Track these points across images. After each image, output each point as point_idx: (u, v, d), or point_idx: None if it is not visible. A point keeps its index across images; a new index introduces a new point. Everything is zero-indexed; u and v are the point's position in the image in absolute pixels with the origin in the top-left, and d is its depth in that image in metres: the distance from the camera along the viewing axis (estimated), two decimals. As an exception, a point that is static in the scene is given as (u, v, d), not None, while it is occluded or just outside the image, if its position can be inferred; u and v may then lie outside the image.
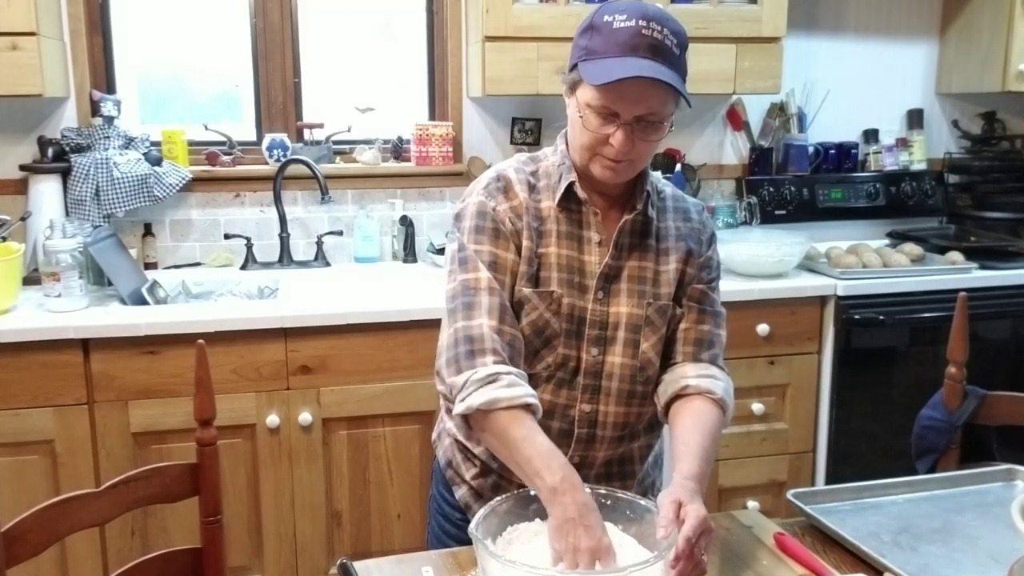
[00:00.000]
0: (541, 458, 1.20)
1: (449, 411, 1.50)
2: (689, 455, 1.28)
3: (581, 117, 1.31)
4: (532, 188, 1.40)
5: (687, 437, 1.32)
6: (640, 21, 1.25)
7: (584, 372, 1.40)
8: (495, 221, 1.37)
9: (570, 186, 1.38)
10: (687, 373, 1.41)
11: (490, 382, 1.26)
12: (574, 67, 1.32)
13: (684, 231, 1.45)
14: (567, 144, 1.41)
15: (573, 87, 1.34)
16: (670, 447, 1.35)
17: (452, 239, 1.42)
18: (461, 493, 1.53)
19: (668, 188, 1.50)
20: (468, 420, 1.29)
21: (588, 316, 1.39)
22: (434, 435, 1.62)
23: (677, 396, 1.40)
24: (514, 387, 1.26)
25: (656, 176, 1.50)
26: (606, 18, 1.28)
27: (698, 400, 1.38)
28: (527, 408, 1.26)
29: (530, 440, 1.23)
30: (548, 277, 1.38)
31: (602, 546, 1.12)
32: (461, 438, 1.49)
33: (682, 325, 1.44)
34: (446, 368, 1.32)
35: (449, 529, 1.55)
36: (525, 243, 1.37)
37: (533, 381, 1.40)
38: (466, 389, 1.27)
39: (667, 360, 1.45)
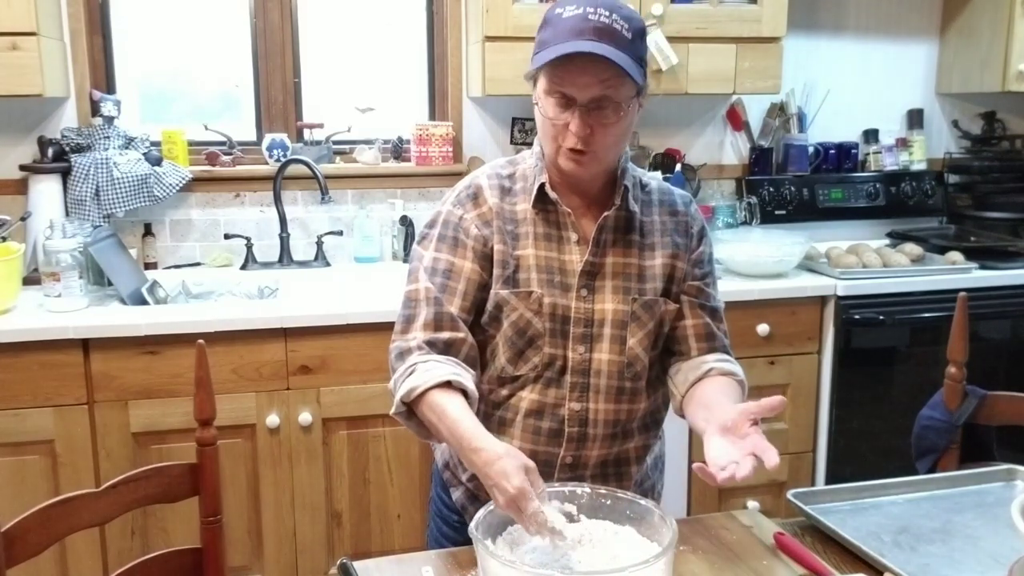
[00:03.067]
0: (452, 436, 1.24)
1: None
2: (730, 406, 1.28)
3: (537, 105, 1.33)
4: (507, 192, 1.42)
5: (722, 399, 1.33)
6: (587, 8, 1.28)
7: (571, 370, 1.40)
8: (457, 230, 1.40)
9: (542, 187, 1.39)
10: (707, 360, 1.43)
11: (409, 374, 1.30)
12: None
13: (670, 225, 1.45)
14: (540, 141, 1.42)
15: (534, 82, 1.36)
16: (701, 405, 1.35)
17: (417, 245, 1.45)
18: (458, 495, 1.53)
19: (654, 182, 1.50)
20: (412, 420, 1.32)
21: (572, 314, 1.39)
22: None
23: (699, 379, 1.41)
24: (429, 371, 1.28)
25: (640, 171, 1.49)
26: (557, 11, 1.31)
27: (723, 378, 1.41)
28: (447, 385, 1.27)
29: (445, 416, 1.24)
30: (527, 278, 1.38)
31: (516, 495, 1.13)
32: None
33: (688, 322, 1.45)
34: (391, 378, 1.36)
35: (447, 531, 1.55)
36: (497, 247, 1.38)
37: (521, 382, 1.40)
38: (394, 390, 1.32)
39: (678, 357, 1.46)
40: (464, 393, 1.28)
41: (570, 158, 1.33)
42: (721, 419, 1.23)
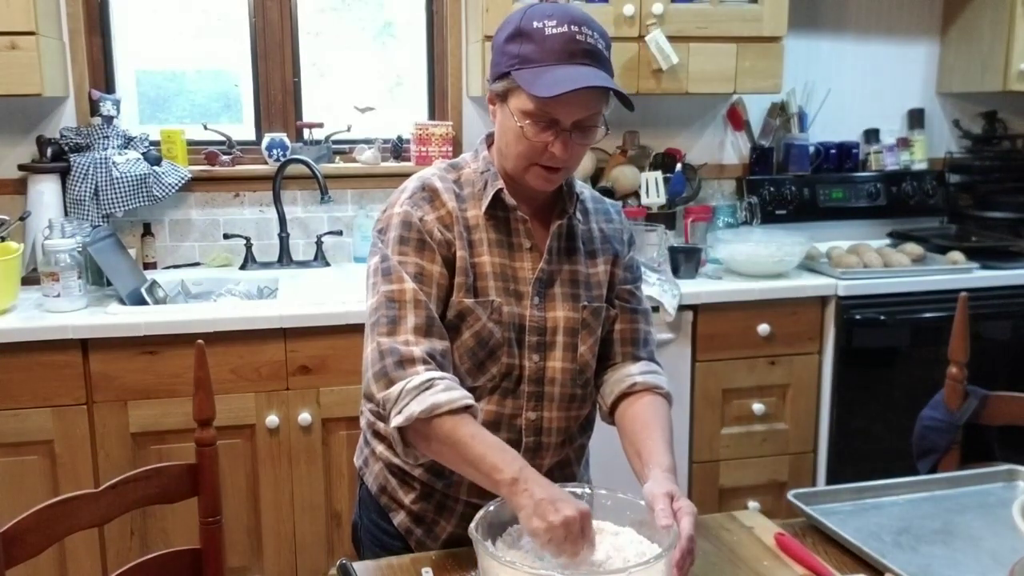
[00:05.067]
0: (494, 453, 1.19)
1: (377, 434, 1.47)
2: (660, 449, 1.29)
3: (522, 127, 1.28)
4: (458, 197, 1.37)
5: (652, 432, 1.33)
6: (572, 26, 1.25)
7: (527, 380, 1.38)
8: (421, 232, 1.32)
9: (498, 193, 1.36)
10: (632, 371, 1.43)
11: (426, 388, 1.22)
12: (504, 75, 1.29)
13: (608, 232, 1.47)
14: (489, 150, 1.40)
15: (504, 95, 1.31)
16: (631, 441, 1.35)
17: (374, 251, 1.37)
18: (400, 519, 1.46)
19: (586, 190, 1.50)
20: (405, 432, 1.25)
21: (527, 323, 1.37)
22: (358, 461, 1.55)
23: (625, 394, 1.41)
24: (452, 391, 1.23)
25: (571, 177, 1.47)
26: (535, 24, 1.26)
27: (648, 395, 1.40)
28: (467, 410, 1.24)
29: (479, 438, 1.21)
30: (485, 286, 1.35)
31: (584, 509, 1.12)
32: (397, 460, 1.43)
33: (616, 326, 1.46)
34: (374, 383, 1.26)
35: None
36: (459, 253, 1.34)
37: (477, 393, 1.37)
38: (402, 400, 1.22)
39: (605, 361, 1.46)
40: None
41: (542, 176, 1.32)
42: (649, 501, 1.19)
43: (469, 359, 1.35)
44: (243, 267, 2.84)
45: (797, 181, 3.26)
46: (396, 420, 1.23)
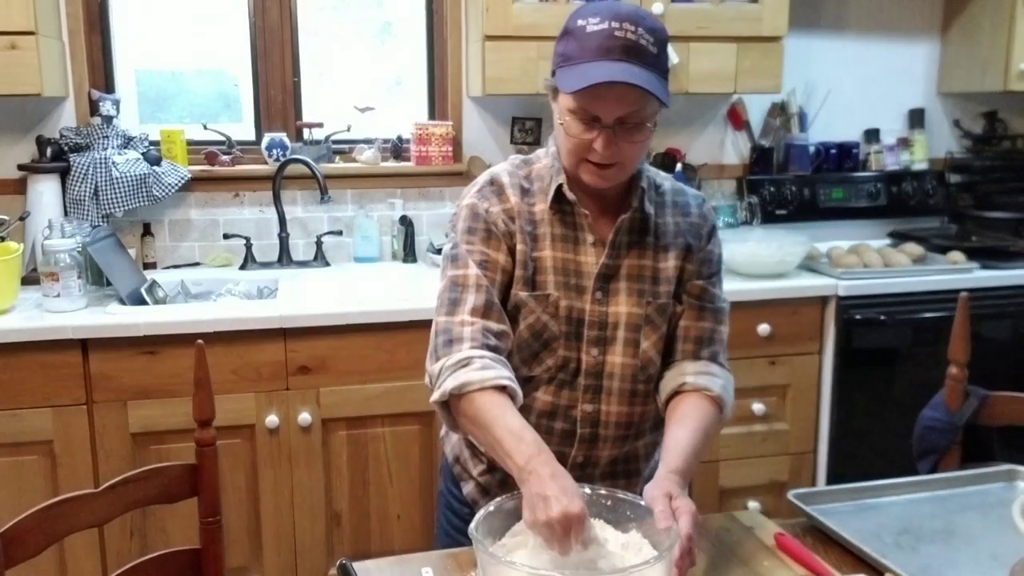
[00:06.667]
0: (511, 438, 1.20)
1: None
2: (677, 450, 1.29)
3: (562, 124, 1.31)
4: (525, 192, 1.41)
5: (677, 433, 1.33)
6: (612, 23, 1.26)
7: (585, 373, 1.40)
8: (487, 222, 1.38)
9: (560, 188, 1.38)
10: (685, 371, 1.41)
11: (463, 366, 1.27)
12: (554, 73, 1.33)
13: (683, 227, 1.45)
14: (557, 147, 1.42)
15: (555, 93, 1.34)
16: (663, 441, 1.36)
17: (449, 241, 1.43)
18: (468, 489, 1.54)
19: (667, 182, 1.49)
20: (448, 408, 1.30)
21: (587, 317, 1.39)
22: (442, 431, 1.62)
23: (675, 393, 1.41)
24: (487, 369, 1.26)
25: (654, 171, 1.49)
26: (579, 22, 1.29)
27: (694, 397, 1.39)
28: (502, 390, 1.26)
29: (501, 421, 1.22)
30: (544, 280, 1.38)
31: (572, 512, 1.09)
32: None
33: (682, 323, 1.44)
34: (428, 360, 1.34)
35: (457, 524, 1.55)
36: (519, 247, 1.38)
37: (534, 383, 1.40)
38: (441, 376, 1.28)
39: (668, 358, 1.45)
40: (512, 399, 1.27)
41: (594, 173, 1.33)
42: (649, 503, 1.19)
43: (524, 349, 1.39)
44: (243, 267, 2.84)
45: (797, 181, 3.26)
46: (433, 396, 1.30)
